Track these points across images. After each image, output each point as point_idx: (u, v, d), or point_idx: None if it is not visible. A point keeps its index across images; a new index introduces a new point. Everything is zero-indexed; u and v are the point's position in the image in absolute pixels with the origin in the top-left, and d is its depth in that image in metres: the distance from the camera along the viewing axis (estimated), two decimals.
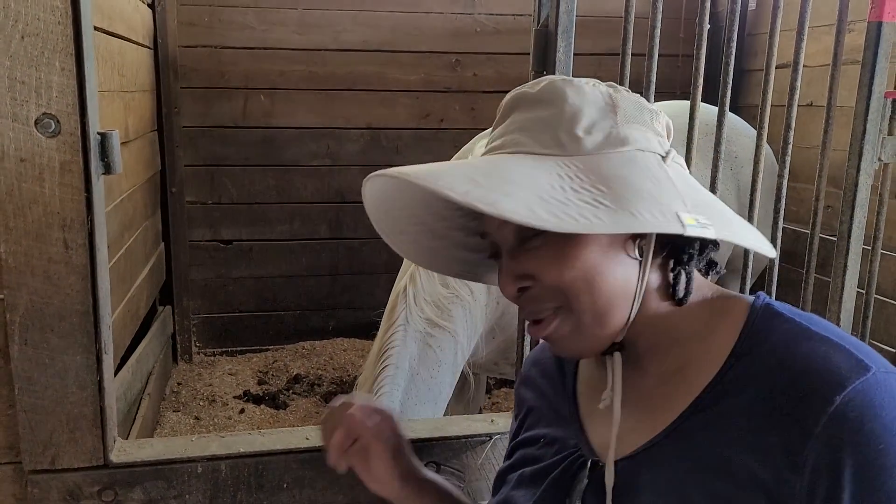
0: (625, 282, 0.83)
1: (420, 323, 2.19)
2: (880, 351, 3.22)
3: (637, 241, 0.83)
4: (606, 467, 0.86)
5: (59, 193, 1.26)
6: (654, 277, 0.86)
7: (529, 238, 0.82)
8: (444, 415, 2.26)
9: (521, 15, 4.37)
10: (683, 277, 0.86)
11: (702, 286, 0.89)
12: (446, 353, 2.21)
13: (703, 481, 0.78)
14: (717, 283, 0.95)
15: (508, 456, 1.06)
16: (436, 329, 2.19)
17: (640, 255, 0.84)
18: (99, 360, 1.34)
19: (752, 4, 4.53)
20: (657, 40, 1.46)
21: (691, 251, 0.86)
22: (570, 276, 0.80)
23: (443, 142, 4.34)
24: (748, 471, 0.76)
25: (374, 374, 2.14)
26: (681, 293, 0.86)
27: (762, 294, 0.91)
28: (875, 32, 1.51)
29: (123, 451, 1.42)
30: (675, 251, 0.86)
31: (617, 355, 0.88)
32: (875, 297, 3.24)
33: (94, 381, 1.34)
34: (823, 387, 0.74)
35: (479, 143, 2.71)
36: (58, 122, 1.23)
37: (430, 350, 2.19)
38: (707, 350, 0.85)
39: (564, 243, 0.80)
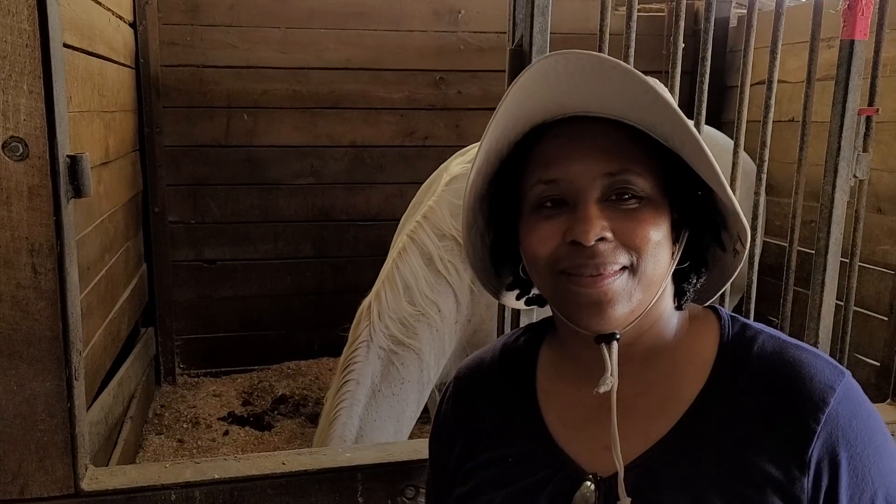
0: (667, 264, 0.90)
1: (384, 340, 2.20)
2: (865, 364, 3.23)
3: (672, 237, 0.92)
4: (619, 478, 0.84)
5: (28, 218, 1.24)
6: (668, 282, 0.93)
7: (627, 199, 0.87)
8: (416, 434, 2.25)
9: (505, 33, 4.38)
10: (695, 283, 0.96)
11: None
12: (410, 371, 2.22)
13: (720, 484, 0.82)
14: None
15: (460, 482, 0.99)
16: (400, 347, 2.21)
17: (674, 247, 0.92)
18: (70, 387, 1.31)
19: (732, 21, 4.58)
20: (632, 59, 1.47)
21: (704, 268, 0.97)
22: (653, 240, 0.87)
23: (427, 159, 4.34)
24: (762, 471, 0.81)
25: (335, 389, 2.16)
26: (689, 296, 0.96)
27: (717, 306, 0.99)
28: (847, 50, 1.52)
29: (95, 479, 1.39)
30: (694, 258, 0.96)
31: (614, 343, 0.89)
32: (859, 311, 3.27)
33: (64, 409, 1.31)
34: (817, 390, 0.84)
35: (456, 160, 2.71)
36: (26, 145, 1.22)
37: (393, 367, 2.20)
38: (690, 358, 0.92)
39: (653, 212, 0.87)
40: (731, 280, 1.02)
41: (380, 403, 2.17)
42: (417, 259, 2.31)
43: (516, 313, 1.60)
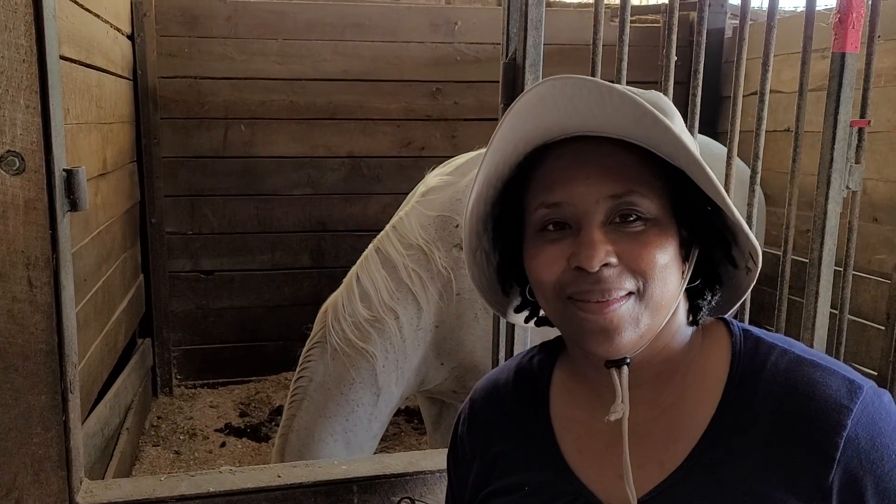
0: (676, 286, 0.88)
1: (338, 342, 2.29)
2: (862, 373, 3.23)
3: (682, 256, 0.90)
4: None
5: (24, 231, 1.24)
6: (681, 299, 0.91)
7: (632, 221, 0.85)
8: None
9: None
10: (709, 300, 0.93)
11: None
12: (362, 374, 2.30)
13: None
14: None
15: None
16: (352, 349, 2.29)
17: (684, 265, 0.90)
18: (64, 400, 1.31)
19: (727, 32, 4.61)
20: (625, 71, 1.48)
21: (718, 285, 0.94)
22: (659, 263, 0.84)
23: (424, 170, 4.31)
24: (780, 502, 0.79)
25: (291, 386, 2.33)
26: (704, 312, 0.93)
27: (728, 318, 0.96)
28: (839, 63, 1.53)
29: (90, 492, 1.39)
30: (706, 275, 0.93)
31: (625, 368, 0.87)
32: (856, 321, 3.27)
33: (59, 422, 1.31)
34: (833, 413, 0.80)
35: (436, 171, 2.75)
36: (22, 159, 1.22)
37: (344, 368, 2.29)
38: (703, 379, 0.89)
39: (660, 234, 0.85)
40: (744, 298, 0.99)
41: (327, 401, 2.27)
42: (378, 267, 2.37)
43: (511, 324, 1.60)
